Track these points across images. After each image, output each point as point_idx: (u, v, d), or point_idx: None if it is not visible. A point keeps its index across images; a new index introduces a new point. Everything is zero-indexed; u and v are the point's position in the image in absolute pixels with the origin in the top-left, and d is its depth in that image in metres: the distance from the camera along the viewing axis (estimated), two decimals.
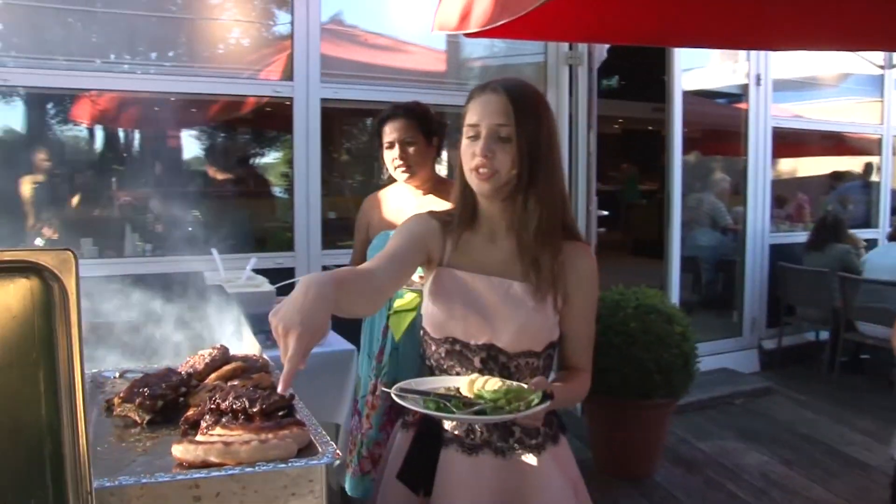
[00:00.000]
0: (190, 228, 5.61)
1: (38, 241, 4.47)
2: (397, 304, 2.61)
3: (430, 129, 2.76)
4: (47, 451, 1.04)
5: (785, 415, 5.46)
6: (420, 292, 2.45)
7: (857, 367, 6.56)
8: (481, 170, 1.63)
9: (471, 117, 1.66)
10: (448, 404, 1.48)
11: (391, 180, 2.89)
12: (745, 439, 4.93)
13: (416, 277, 2.56)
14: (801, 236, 7.04)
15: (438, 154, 2.84)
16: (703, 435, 5.00)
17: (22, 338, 1.00)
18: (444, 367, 1.73)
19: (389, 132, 2.73)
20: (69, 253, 0.94)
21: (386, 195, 2.95)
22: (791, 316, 6.66)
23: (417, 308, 2.60)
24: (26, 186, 4.96)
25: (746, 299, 6.68)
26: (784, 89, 7.07)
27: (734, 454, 4.69)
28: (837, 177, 8.50)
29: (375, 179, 3.81)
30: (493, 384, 1.51)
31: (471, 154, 1.65)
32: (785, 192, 8.07)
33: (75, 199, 5.01)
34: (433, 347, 1.75)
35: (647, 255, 10.00)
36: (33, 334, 1.00)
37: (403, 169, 2.71)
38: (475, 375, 1.59)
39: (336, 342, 3.26)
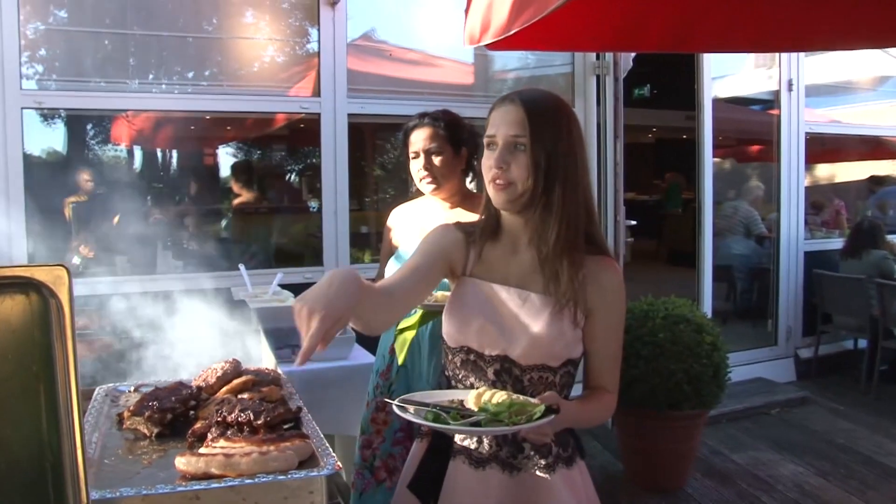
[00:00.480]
0: (221, 245, 5.69)
1: (76, 260, 4.56)
2: (403, 323, 2.59)
3: (458, 138, 2.65)
4: (48, 462, 1.06)
5: (821, 425, 5.36)
6: (433, 309, 2.45)
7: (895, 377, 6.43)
8: (497, 181, 1.63)
9: (489, 129, 1.66)
10: (446, 416, 1.47)
11: (419, 193, 2.79)
12: (779, 450, 4.85)
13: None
14: (837, 243, 6.93)
15: (468, 166, 2.72)
16: (736, 446, 4.93)
17: (21, 351, 1.02)
18: (459, 377, 1.72)
19: (415, 141, 2.63)
20: (62, 269, 0.96)
21: (411, 208, 2.86)
22: (828, 324, 6.55)
23: (417, 326, 2.58)
24: (68, 206, 5.09)
25: (781, 307, 6.58)
26: (818, 94, 6.98)
27: (769, 465, 4.61)
28: (877, 181, 8.35)
29: (404, 194, 3.81)
30: (499, 397, 1.50)
31: (488, 165, 1.65)
32: (821, 198, 7.96)
33: (115, 219, 5.11)
34: (449, 357, 1.75)
35: (682, 265, 9.90)
36: (32, 348, 1.02)
37: (429, 180, 2.61)
38: (483, 388, 1.58)
39: (360, 356, 3.28)
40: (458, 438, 1.72)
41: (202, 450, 1.25)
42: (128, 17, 4.41)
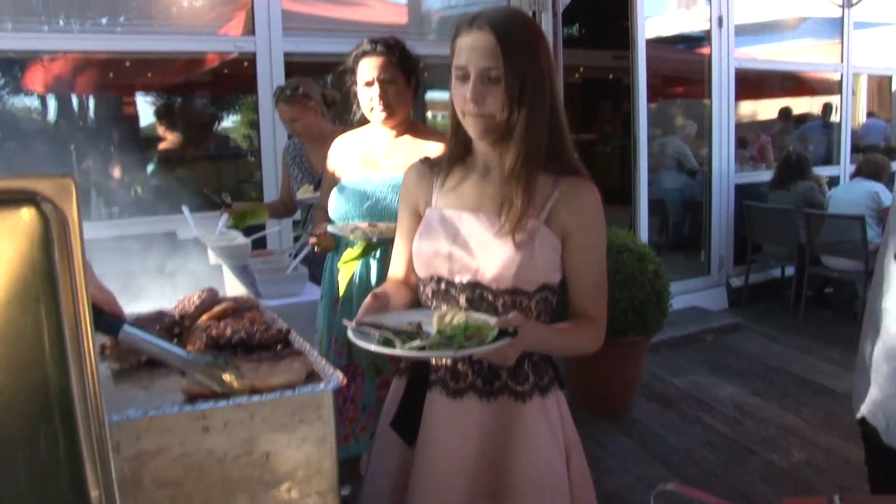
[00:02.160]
0: (154, 192, 5.55)
1: None
2: (345, 255, 2.53)
3: (409, 67, 2.59)
4: (53, 387, 1.03)
5: (755, 349, 5.59)
6: (380, 240, 2.43)
7: (822, 302, 6.73)
8: (473, 114, 1.58)
9: (458, 58, 1.59)
10: (395, 339, 1.43)
11: (363, 121, 2.71)
12: (717, 374, 5.05)
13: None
14: (765, 175, 7.14)
15: (415, 95, 2.66)
16: (676, 371, 5.11)
17: (19, 273, 0.98)
18: (431, 308, 1.69)
19: (367, 70, 2.53)
20: (69, 179, 0.92)
21: (355, 138, 2.77)
22: (757, 253, 6.77)
23: (359, 258, 2.54)
24: None
25: (713, 239, 6.77)
26: (745, 34, 7.11)
27: (707, 388, 4.80)
28: (786, 115, 8.67)
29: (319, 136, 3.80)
30: (458, 318, 1.47)
31: (461, 98, 1.59)
32: (748, 134, 8.17)
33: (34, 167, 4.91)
34: (421, 288, 1.74)
35: (614, 203, 10.07)
36: (32, 269, 0.98)
37: (382, 108, 2.53)
38: (447, 310, 1.56)
39: (313, 292, 3.20)
40: (433, 369, 1.70)
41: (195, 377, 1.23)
42: None
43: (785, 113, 8.72)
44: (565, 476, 1.68)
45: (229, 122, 7.57)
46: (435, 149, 1.97)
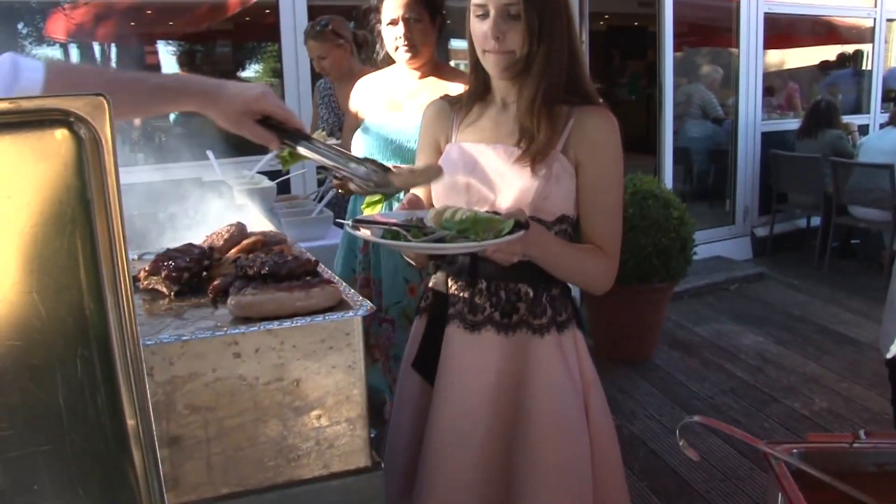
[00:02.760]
0: (182, 138, 5.54)
1: None
2: (368, 197, 2.44)
3: (435, 5, 2.54)
4: (89, 309, 1.05)
5: (778, 298, 5.57)
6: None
7: (847, 252, 6.66)
8: (494, 51, 1.59)
9: None
10: (406, 234, 1.39)
11: (387, 62, 2.67)
12: (740, 322, 5.04)
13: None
14: (792, 124, 7.03)
15: (440, 35, 2.61)
16: (699, 320, 5.11)
17: (54, 195, 0.99)
18: None
19: (393, 8, 2.48)
20: (102, 98, 0.92)
21: (379, 78, 2.73)
22: (783, 203, 6.71)
23: (384, 200, 2.50)
24: None
25: (739, 188, 6.72)
26: None
27: (730, 336, 4.80)
28: (826, 66, 8.46)
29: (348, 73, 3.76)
30: (462, 214, 1.41)
31: (482, 35, 1.60)
32: (775, 82, 8.03)
33: None
34: None
35: (637, 151, 9.98)
36: (66, 190, 0.99)
37: (407, 48, 2.48)
38: (443, 206, 1.52)
39: (337, 235, 3.20)
40: (452, 301, 1.70)
41: (248, 293, 1.24)
42: None
43: (824, 65, 8.50)
44: (583, 413, 1.69)
45: (251, 70, 7.53)
46: (459, 90, 1.95)
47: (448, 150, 1.73)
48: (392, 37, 2.51)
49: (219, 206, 2.56)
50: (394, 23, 2.49)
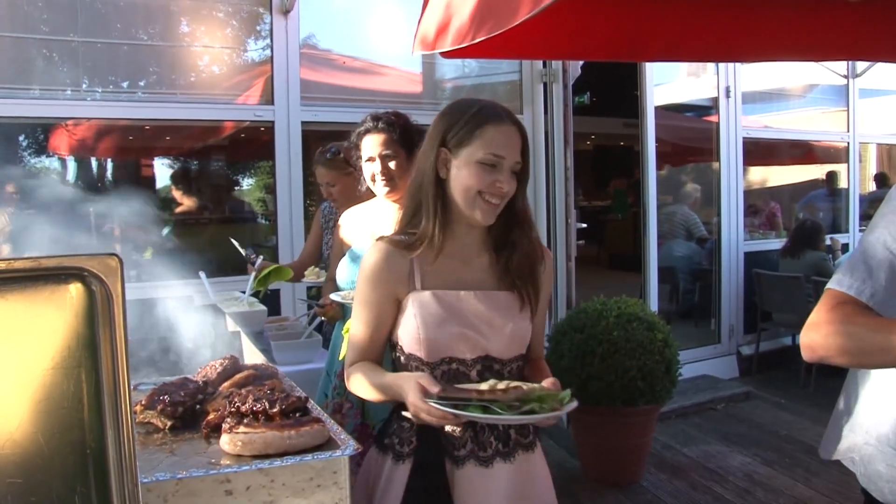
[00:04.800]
0: (172, 256, 5.62)
1: None
2: (349, 322, 2.55)
3: (410, 142, 2.64)
4: (90, 448, 1.10)
5: (765, 418, 5.58)
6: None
7: (833, 371, 6.64)
8: (498, 200, 1.72)
9: (493, 146, 1.69)
10: (493, 407, 1.50)
11: (368, 194, 2.80)
12: (728, 443, 5.04)
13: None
14: (774, 243, 7.20)
15: None
16: (687, 440, 5.10)
17: (64, 342, 1.06)
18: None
19: (370, 147, 2.64)
20: (115, 258, 1.00)
21: (363, 211, 2.87)
22: (768, 322, 6.80)
23: None
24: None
25: (724, 307, 6.82)
26: (752, 101, 7.26)
27: (718, 457, 4.79)
28: (804, 185, 8.70)
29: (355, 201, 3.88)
30: (509, 384, 1.56)
31: (490, 182, 1.69)
32: (757, 202, 8.26)
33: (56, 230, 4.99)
34: (427, 371, 1.71)
35: (623, 269, 10.14)
36: (76, 338, 1.06)
37: (385, 182, 2.63)
38: (493, 381, 1.60)
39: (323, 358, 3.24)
40: (457, 446, 1.72)
41: (240, 430, 1.29)
42: (78, 23, 4.37)
43: (801, 184, 8.74)
44: None
45: (244, 186, 7.70)
46: None
47: (420, 300, 1.73)
48: (370, 172, 2.67)
49: (211, 333, 2.62)
50: (371, 160, 2.66)
